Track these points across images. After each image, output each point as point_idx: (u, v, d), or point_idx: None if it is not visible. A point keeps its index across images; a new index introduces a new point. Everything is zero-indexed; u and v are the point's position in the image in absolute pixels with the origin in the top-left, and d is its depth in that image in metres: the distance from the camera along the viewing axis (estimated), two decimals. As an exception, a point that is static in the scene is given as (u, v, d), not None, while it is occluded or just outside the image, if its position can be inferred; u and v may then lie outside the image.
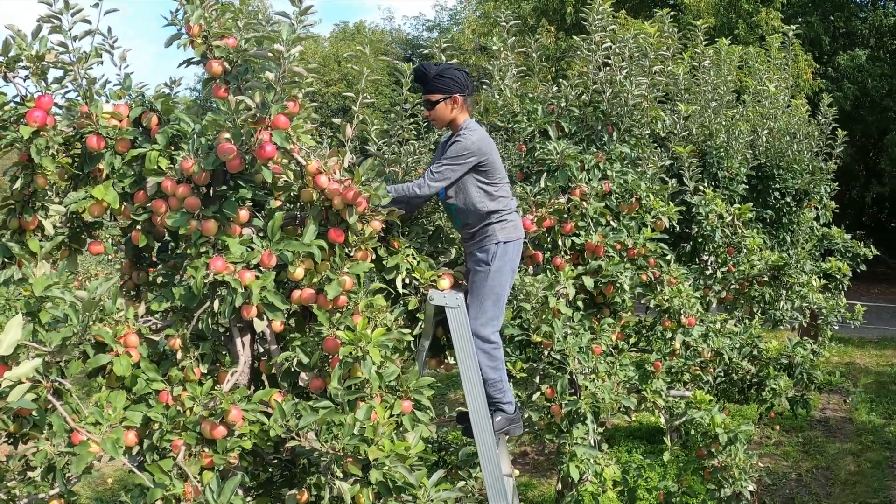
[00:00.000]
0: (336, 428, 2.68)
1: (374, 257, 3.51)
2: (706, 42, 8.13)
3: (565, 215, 5.04)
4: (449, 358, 4.10)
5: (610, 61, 5.58)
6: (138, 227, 3.38)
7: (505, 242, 3.73)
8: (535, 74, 6.19)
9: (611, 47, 5.62)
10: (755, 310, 7.55)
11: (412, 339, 3.72)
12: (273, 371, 3.31)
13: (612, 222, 5.32)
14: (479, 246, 3.77)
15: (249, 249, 3.12)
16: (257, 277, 3.05)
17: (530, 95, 5.99)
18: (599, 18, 5.65)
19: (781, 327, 8.33)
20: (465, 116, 3.80)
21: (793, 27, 9.72)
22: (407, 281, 3.74)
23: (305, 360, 3.08)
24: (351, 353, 2.84)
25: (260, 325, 3.14)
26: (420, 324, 3.80)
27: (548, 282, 4.77)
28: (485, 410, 3.75)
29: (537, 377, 4.96)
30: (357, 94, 3.75)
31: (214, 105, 3.21)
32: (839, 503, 7.13)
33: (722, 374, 6.79)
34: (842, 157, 9.59)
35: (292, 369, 3.13)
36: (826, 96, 9.36)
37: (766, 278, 7.32)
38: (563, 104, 5.60)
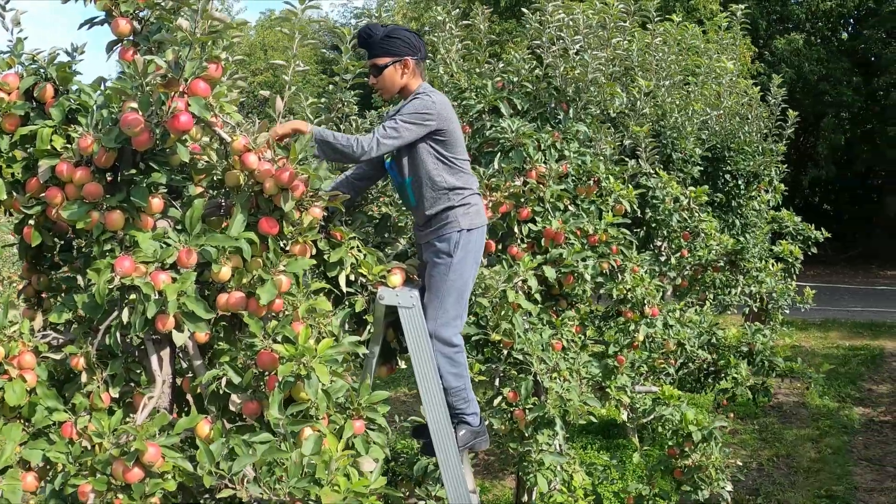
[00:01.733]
0: (279, 468, 2.16)
1: (314, 251, 2.99)
2: (658, 19, 7.76)
3: (521, 199, 4.58)
4: (401, 364, 3.60)
5: (563, 34, 5.14)
6: (31, 222, 2.83)
7: (469, 230, 3.22)
8: (483, 49, 5.72)
9: (563, 19, 5.19)
10: (709, 296, 7.29)
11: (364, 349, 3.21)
12: (199, 391, 2.76)
13: (570, 206, 4.89)
14: (438, 234, 3.25)
15: (164, 246, 2.56)
16: (174, 280, 2.49)
17: (478, 70, 5.52)
18: (551, -12, 5.22)
19: (729, 313, 8.09)
20: (420, 82, 3.30)
21: (741, 6, 9.40)
22: (352, 278, 3.21)
23: (236, 379, 2.53)
24: (293, 371, 2.31)
25: (180, 339, 2.58)
26: (369, 328, 3.30)
27: (506, 274, 4.31)
28: (447, 424, 3.26)
29: (497, 379, 4.52)
30: (289, 61, 3.21)
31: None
32: (804, 492, 6.87)
33: (679, 364, 6.47)
34: (792, 138, 9.37)
35: (221, 391, 2.59)
36: (776, 77, 9.09)
37: (721, 263, 7.05)
38: (514, 79, 5.15)
